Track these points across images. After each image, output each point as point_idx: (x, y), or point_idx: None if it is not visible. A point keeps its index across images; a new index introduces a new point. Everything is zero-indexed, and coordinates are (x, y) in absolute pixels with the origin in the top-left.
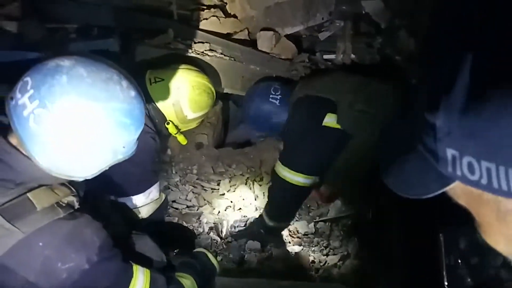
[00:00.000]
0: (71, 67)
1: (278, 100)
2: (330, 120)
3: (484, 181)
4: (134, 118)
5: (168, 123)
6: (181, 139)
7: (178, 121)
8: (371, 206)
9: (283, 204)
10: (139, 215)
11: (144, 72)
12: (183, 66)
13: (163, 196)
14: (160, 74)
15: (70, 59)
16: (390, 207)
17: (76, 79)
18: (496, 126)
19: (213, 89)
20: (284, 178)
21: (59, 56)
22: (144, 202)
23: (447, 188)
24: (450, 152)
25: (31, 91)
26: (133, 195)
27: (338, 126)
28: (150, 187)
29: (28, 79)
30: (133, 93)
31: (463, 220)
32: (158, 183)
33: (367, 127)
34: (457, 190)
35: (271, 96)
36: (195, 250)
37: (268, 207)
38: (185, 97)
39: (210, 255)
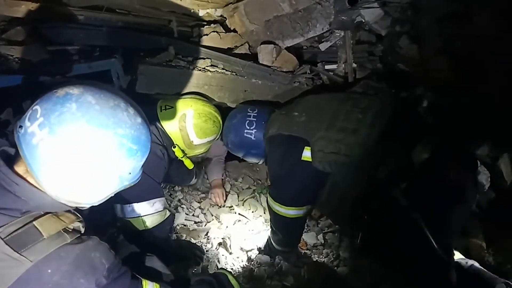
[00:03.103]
0: (80, 95)
1: (253, 135)
2: (308, 154)
3: None
4: (141, 144)
5: (174, 147)
6: (188, 163)
7: (185, 146)
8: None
9: (283, 234)
10: (143, 225)
11: (156, 101)
12: (191, 95)
13: (168, 213)
14: (170, 103)
15: (79, 87)
16: None
17: (85, 107)
18: None
19: (219, 117)
20: (278, 213)
21: (68, 85)
22: (148, 211)
23: None
24: None
25: (41, 119)
26: (137, 202)
27: None
28: (155, 198)
29: (37, 107)
30: (139, 119)
31: None
32: (163, 198)
33: (340, 165)
34: None
35: (245, 131)
36: (217, 270)
37: (272, 235)
38: (190, 123)
39: (230, 276)
